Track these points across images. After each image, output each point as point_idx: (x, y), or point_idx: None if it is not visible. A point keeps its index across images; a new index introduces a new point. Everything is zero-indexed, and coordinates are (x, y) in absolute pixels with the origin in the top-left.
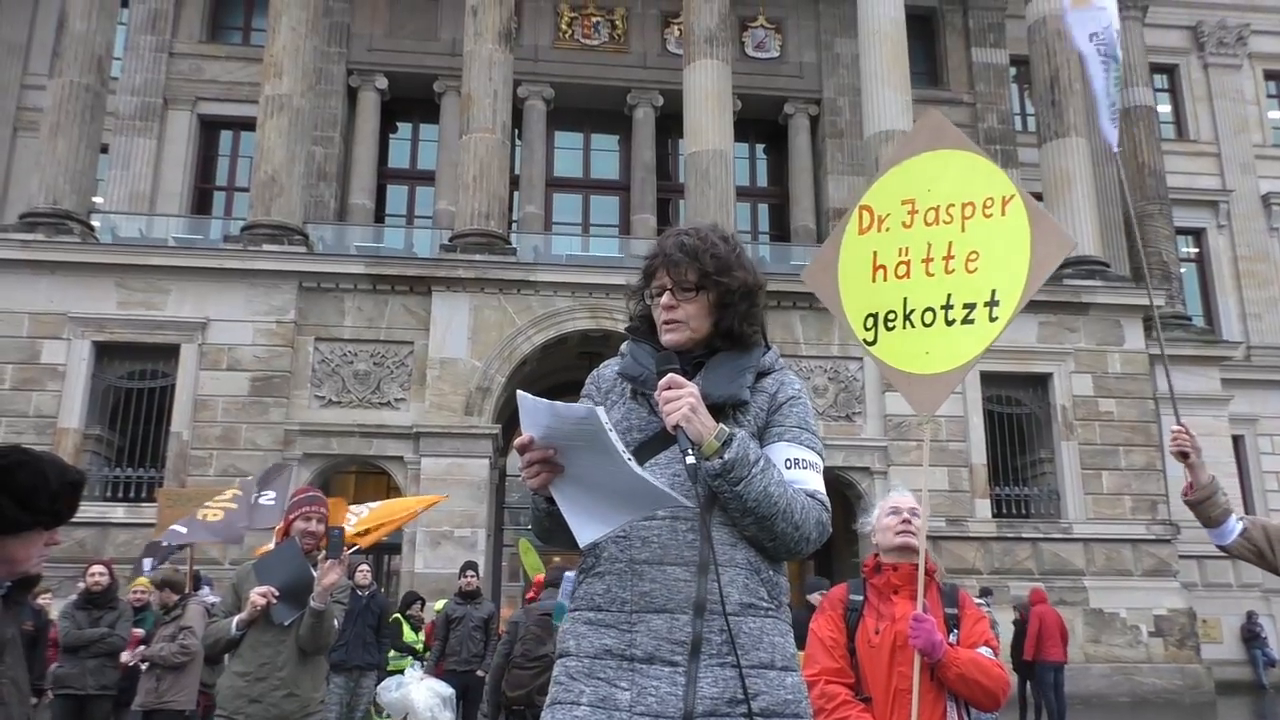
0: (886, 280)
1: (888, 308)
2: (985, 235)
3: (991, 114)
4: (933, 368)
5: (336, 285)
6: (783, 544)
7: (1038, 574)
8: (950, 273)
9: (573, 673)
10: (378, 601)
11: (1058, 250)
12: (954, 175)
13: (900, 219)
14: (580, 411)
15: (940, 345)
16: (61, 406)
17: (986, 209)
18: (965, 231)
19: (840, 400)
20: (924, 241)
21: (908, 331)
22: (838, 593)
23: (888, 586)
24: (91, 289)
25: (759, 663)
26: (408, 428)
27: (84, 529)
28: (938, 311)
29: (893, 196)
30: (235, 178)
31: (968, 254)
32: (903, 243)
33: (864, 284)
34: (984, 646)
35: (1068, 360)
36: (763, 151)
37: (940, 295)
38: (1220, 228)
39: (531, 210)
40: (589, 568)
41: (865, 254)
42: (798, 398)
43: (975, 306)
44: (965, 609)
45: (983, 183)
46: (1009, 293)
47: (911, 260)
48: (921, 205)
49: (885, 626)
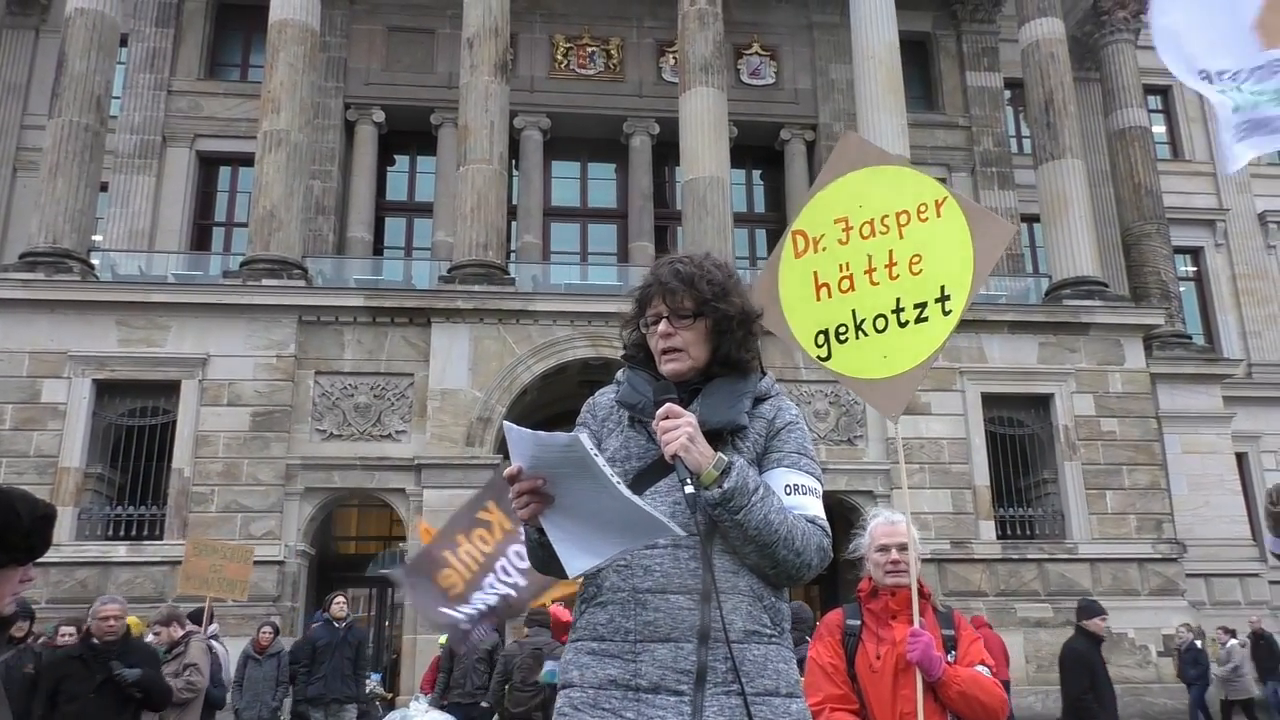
0: (831, 297)
1: (837, 322)
2: (925, 237)
3: (987, 137)
4: (892, 370)
5: (336, 318)
6: (784, 571)
7: (1044, 595)
8: (895, 278)
9: (577, 704)
10: (355, 633)
11: (999, 238)
12: (883, 189)
13: (835, 237)
14: (563, 440)
15: (897, 347)
16: (62, 446)
17: (921, 214)
18: (904, 238)
19: (842, 424)
20: (863, 254)
21: (861, 341)
22: (834, 618)
23: (885, 611)
24: (92, 327)
25: (764, 690)
26: (409, 459)
27: (85, 568)
28: (889, 316)
29: (824, 217)
30: (234, 213)
31: (910, 257)
32: (842, 259)
33: (808, 304)
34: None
35: (1069, 380)
36: (760, 177)
37: (889, 300)
38: (1218, 246)
39: (529, 240)
40: (591, 597)
41: (805, 276)
42: (795, 423)
43: (926, 304)
44: (961, 630)
45: (912, 190)
46: (958, 285)
47: (854, 274)
48: (855, 221)
49: (886, 651)
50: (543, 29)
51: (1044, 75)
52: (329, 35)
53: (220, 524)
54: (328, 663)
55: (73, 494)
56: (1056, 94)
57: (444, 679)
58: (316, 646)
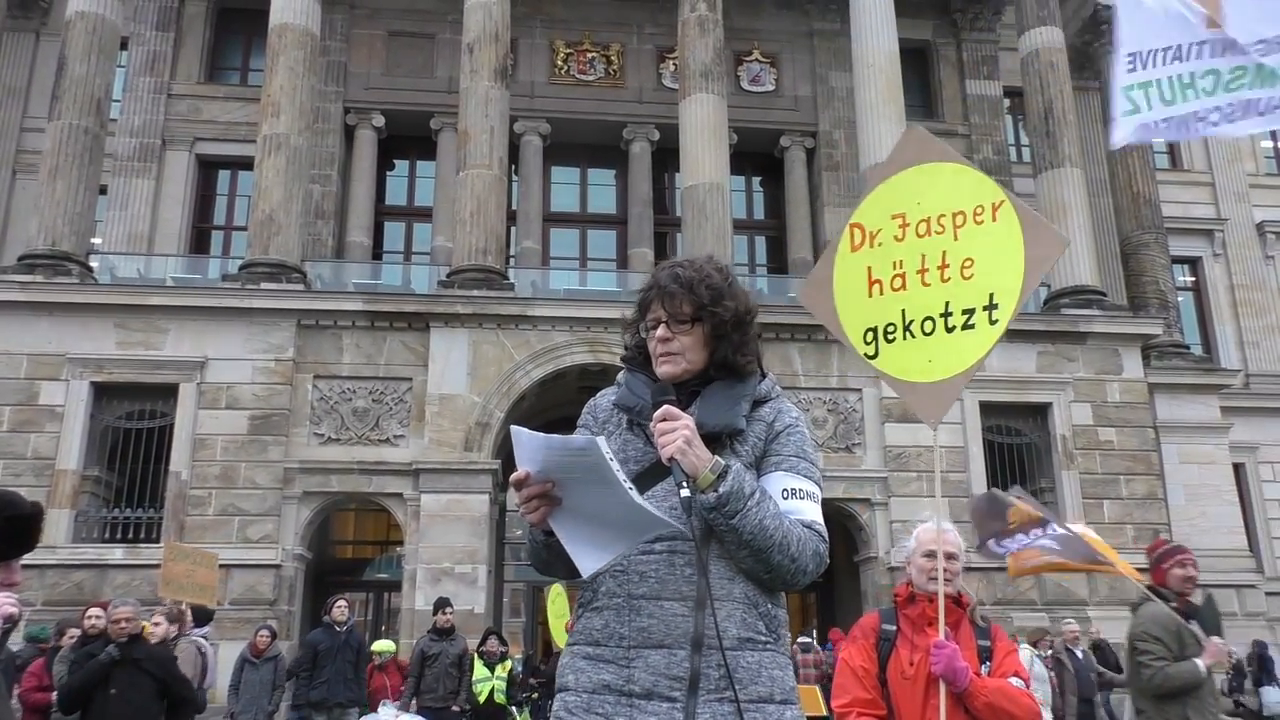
0: (883, 294)
1: (887, 320)
2: (979, 242)
3: (987, 145)
4: (936, 375)
5: (335, 322)
6: (779, 576)
7: (1040, 605)
8: (947, 281)
9: (571, 708)
10: (355, 637)
11: (1051, 249)
12: (942, 186)
13: (892, 233)
14: (579, 443)
15: (942, 352)
16: (60, 448)
17: (978, 216)
18: (959, 240)
19: (840, 432)
20: (918, 253)
21: (909, 342)
22: (869, 622)
23: (922, 618)
24: (90, 330)
25: (757, 697)
26: (407, 464)
27: (82, 571)
28: (937, 320)
29: (882, 212)
30: (233, 217)
31: (963, 261)
32: (896, 256)
33: (860, 300)
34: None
35: (1067, 390)
36: (759, 184)
37: (939, 303)
38: (1216, 256)
39: (529, 245)
40: (587, 602)
41: (859, 270)
42: (795, 426)
43: (974, 311)
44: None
45: (971, 191)
46: (1007, 295)
47: (907, 272)
48: (912, 218)
49: (920, 658)
50: (543, 34)
51: (1043, 84)
52: (329, 39)
53: (217, 527)
54: (329, 666)
55: (70, 496)
56: (1056, 103)
57: (413, 684)
58: (318, 650)
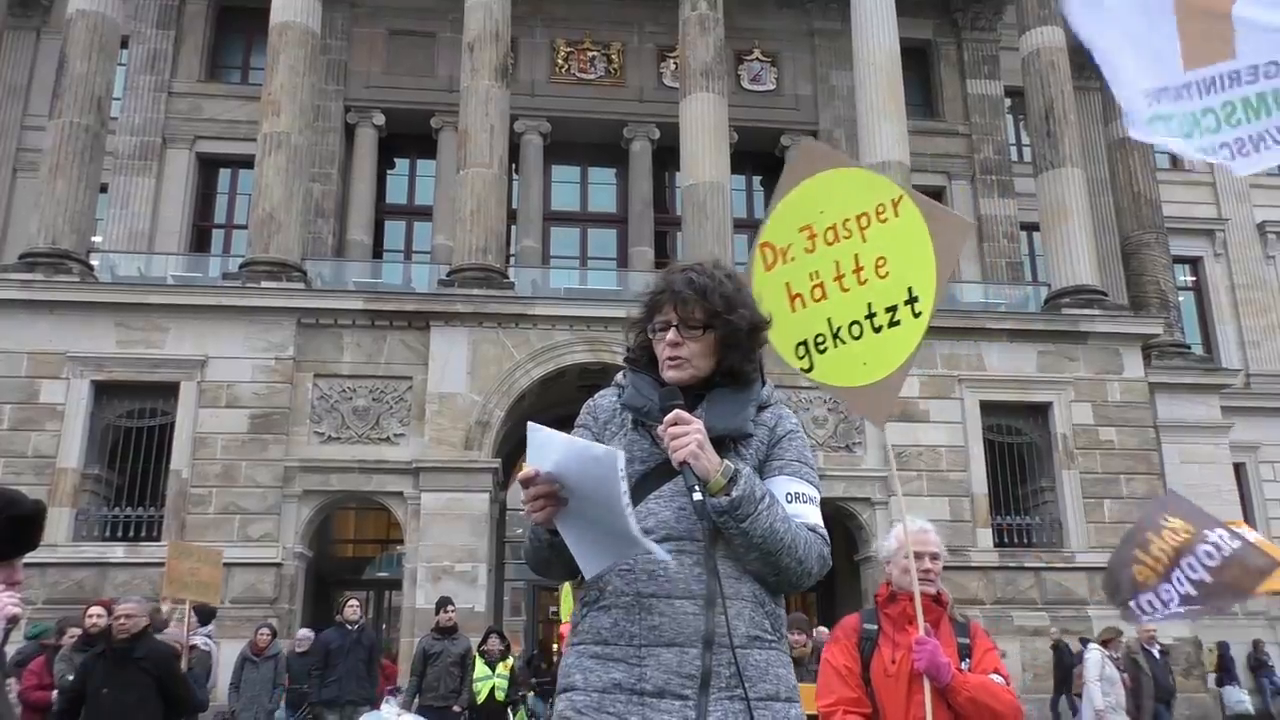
0: (806, 307)
1: (815, 332)
2: (886, 239)
3: (987, 145)
4: (873, 376)
5: (335, 321)
6: (786, 578)
7: (1041, 604)
8: (864, 283)
9: (580, 707)
10: (368, 635)
11: (958, 235)
12: (841, 192)
13: (802, 246)
14: (599, 451)
15: (874, 353)
16: (60, 446)
17: (880, 215)
18: (867, 241)
19: (840, 431)
20: (831, 261)
21: (840, 349)
22: (851, 622)
23: (903, 617)
24: (90, 328)
25: (765, 695)
26: (407, 463)
27: (83, 569)
28: (863, 323)
29: (789, 228)
30: (234, 215)
31: (875, 260)
32: (811, 268)
33: (785, 316)
34: (994, 674)
35: (1067, 389)
36: (760, 183)
37: (861, 307)
38: (1217, 256)
39: (529, 244)
40: (593, 601)
41: (778, 288)
42: (795, 431)
43: (897, 308)
44: (976, 639)
45: (869, 191)
46: (924, 286)
47: (824, 281)
48: (819, 228)
49: (901, 656)
50: (544, 33)
51: (1044, 84)
52: (330, 38)
53: (218, 526)
54: (341, 665)
55: (70, 495)
56: (1057, 103)
57: (415, 682)
58: (330, 649)
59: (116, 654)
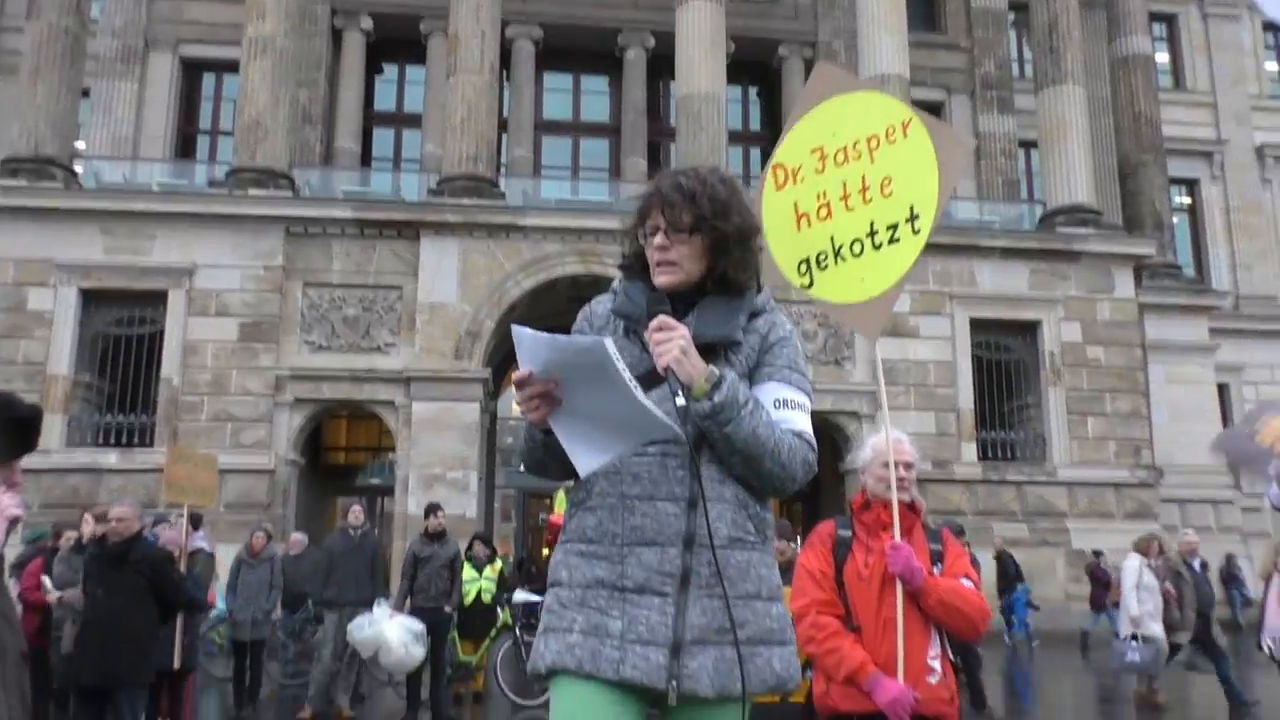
0: (811, 226)
1: (818, 250)
2: (894, 160)
3: (989, 60)
4: (870, 292)
5: (324, 230)
6: (769, 482)
7: (1021, 516)
8: (869, 202)
9: (565, 601)
10: (370, 541)
11: (960, 154)
12: (854, 115)
13: (812, 167)
14: (585, 342)
15: (873, 269)
16: (50, 353)
17: (889, 136)
18: (875, 162)
19: (830, 345)
20: (839, 181)
21: (840, 266)
22: (825, 528)
23: (877, 523)
24: (77, 235)
25: (745, 593)
26: (398, 372)
27: (77, 475)
28: (864, 240)
29: (801, 149)
30: (219, 121)
31: (881, 181)
32: (819, 188)
33: (790, 236)
34: (964, 579)
35: (1057, 307)
36: (756, 95)
37: (864, 225)
38: (1214, 178)
39: (520, 153)
40: (580, 501)
41: (786, 208)
42: (788, 339)
43: (898, 225)
44: (948, 545)
45: (881, 114)
46: (926, 204)
47: (831, 201)
48: (830, 150)
49: (874, 560)
50: None
51: None
52: None
53: (210, 433)
54: (342, 568)
55: (62, 401)
56: (1061, 18)
57: (406, 585)
58: (333, 553)
59: (110, 557)
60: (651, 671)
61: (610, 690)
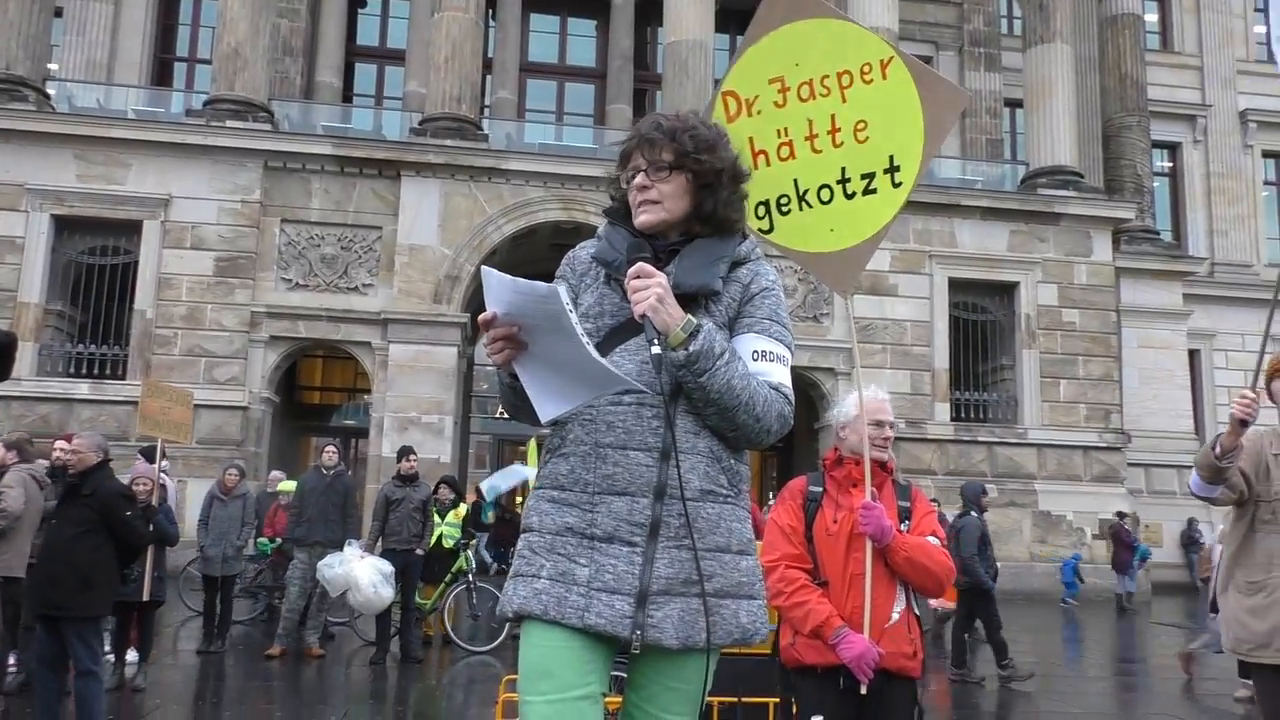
0: (770, 165)
1: (779, 192)
2: (869, 102)
3: (978, 15)
4: (840, 243)
5: (303, 166)
6: (744, 434)
7: (991, 476)
8: (839, 145)
9: (535, 547)
10: (342, 481)
11: (950, 106)
12: (822, 46)
13: (771, 99)
14: (542, 290)
15: (844, 219)
16: (21, 280)
17: (865, 75)
18: (847, 102)
19: (809, 301)
20: (803, 119)
21: (805, 212)
22: (797, 484)
23: (848, 480)
24: (49, 160)
25: (715, 546)
26: (376, 313)
27: (48, 404)
28: (834, 187)
29: (758, 78)
30: (197, 49)
31: (855, 124)
32: (779, 123)
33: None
34: (931, 536)
35: (1035, 270)
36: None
37: (834, 170)
38: (1196, 143)
39: (504, 95)
40: (555, 448)
41: (739, 142)
42: (771, 289)
43: (875, 175)
44: (917, 503)
45: (855, 49)
46: (908, 156)
47: (794, 140)
48: (792, 81)
49: (843, 516)
50: None
51: None
52: None
53: (183, 367)
54: (313, 507)
55: (33, 329)
56: None
57: (378, 527)
58: (304, 491)
59: (67, 488)
60: (616, 620)
61: (576, 637)
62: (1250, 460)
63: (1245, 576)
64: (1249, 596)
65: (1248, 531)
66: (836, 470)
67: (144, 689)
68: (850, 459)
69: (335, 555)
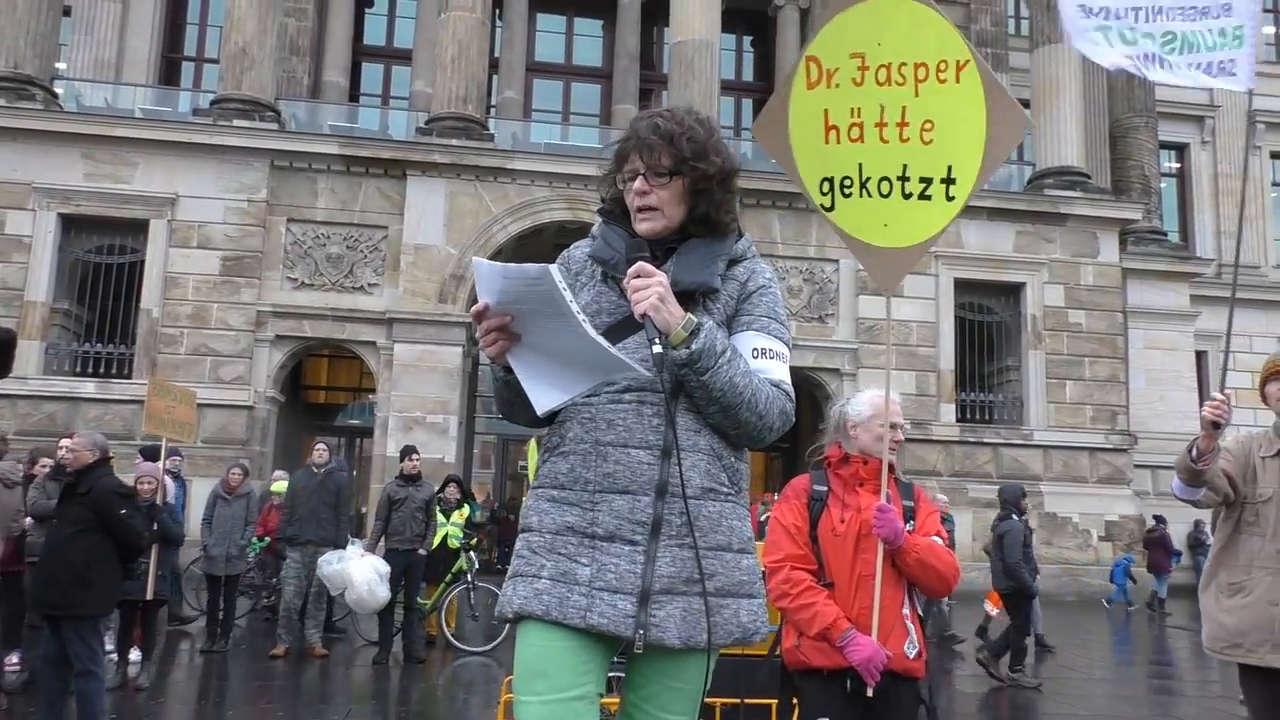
0: (840, 143)
1: (843, 173)
2: (939, 103)
3: (985, 15)
4: (892, 241)
5: (309, 165)
6: (746, 432)
7: (996, 477)
8: (905, 141)
9: (534, 547)
10: (334, 479)
11: (1014, 131)
12: (903, 29)
13: (850, 75)
14: (533, 272)
15: (899, 218)
16: (28, 279)
17: (940, 73)
18: (919, 96)
19: (814, 301)
20: (876, 103)
21: (865, 200)
22: (801, 483)
23: (854, 479)
24: (56, 159)
25: (716, 545)
26: (381, 313)
27: (54, 403)
28: (894, 182)
29: (840, 49)
30: (205, 48)
31: (923, 122)
32: (854, 102)
33: (817, 145)
34: (935, 537)
35: (1042, 270)
36: (750, 44)
37: (896, 165)
38: (1204, 144)
39: (510, 95)
40: (554, 447)
41: (816, 112)
42: (768, 287)
43: (932, 182)
44: (920, 502)
45: (935, 42)
46: (965, 172)
47: (864, 122)
48: (871, 61)
49: (850, 516)
50: None
51: None
52: None
53: (189, 366)
54: (304, 505)
55: (39, 328)
56: None
57: (380, 526)
58: (296, 490)
59: (65, 487)
60: (619, 619)
61: (576, 637)
62: (1238, 463)
63: (1227, 578)
64: (1228, 597)
65: (1232, 533)
66: (843, 469)
67: (147, 688)
68: (858, 458)
69: (335, 553)
